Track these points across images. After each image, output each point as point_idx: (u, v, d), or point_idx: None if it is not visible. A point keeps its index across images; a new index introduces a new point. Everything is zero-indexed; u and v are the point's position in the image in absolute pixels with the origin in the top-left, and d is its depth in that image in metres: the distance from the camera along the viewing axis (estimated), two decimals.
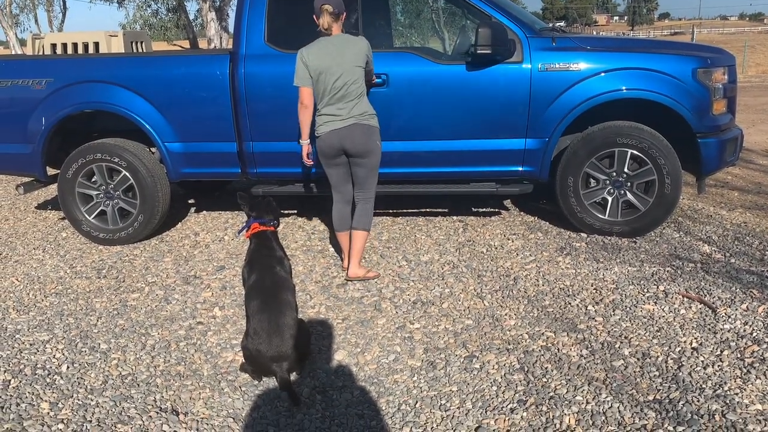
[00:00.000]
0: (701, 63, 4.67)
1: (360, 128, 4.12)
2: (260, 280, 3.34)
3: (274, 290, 3.27)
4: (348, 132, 4.11)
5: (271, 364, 3.06)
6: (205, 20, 18.67)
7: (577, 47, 4.81)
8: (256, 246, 3.60)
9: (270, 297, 3.23)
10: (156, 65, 5.22)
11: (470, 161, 4.91)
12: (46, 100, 5.10)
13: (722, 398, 2.78)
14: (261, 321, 3.13)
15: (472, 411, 2.86)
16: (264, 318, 3.13)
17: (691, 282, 4.03)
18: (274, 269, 3.40)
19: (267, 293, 3.25)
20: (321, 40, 4.14)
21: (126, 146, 5.15)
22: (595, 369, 3.11)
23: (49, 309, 4.10)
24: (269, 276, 3.36)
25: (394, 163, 4.87)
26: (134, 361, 3.42)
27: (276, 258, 3.50)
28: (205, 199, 6.64)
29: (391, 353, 3.42)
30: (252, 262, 3.51)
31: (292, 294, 3.34)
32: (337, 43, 4.08)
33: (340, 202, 4.40)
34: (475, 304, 3.95)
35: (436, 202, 5.99)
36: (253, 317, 3.19)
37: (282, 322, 3.12)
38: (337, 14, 4.06)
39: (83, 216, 5.25)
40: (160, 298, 4.21)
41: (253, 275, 3.39)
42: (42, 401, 3.04)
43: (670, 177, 4.67)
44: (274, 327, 3.09)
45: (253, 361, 3.14)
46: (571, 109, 4.69)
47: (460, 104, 4.78)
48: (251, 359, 3.15)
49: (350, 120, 4.11)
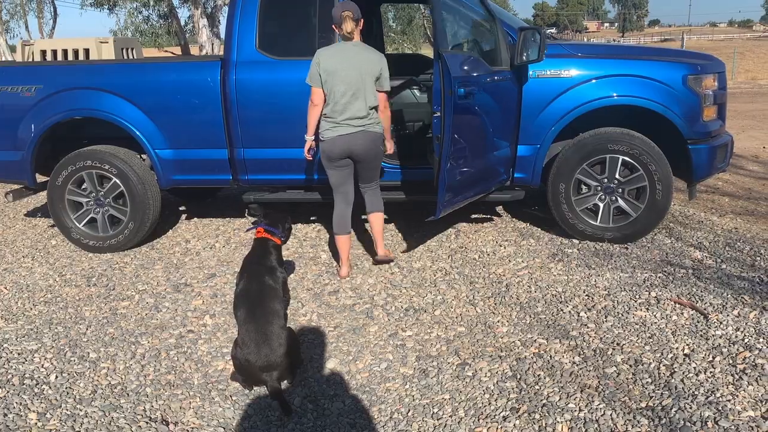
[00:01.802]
0: (691, 70, 4.70)
1: (365, 136, 4.23)
2: (247, 288, 3.34)
3: (261, 299, 3.25)
4: (353, 139, 4.21)
5: (261, 373, 3.04)
6: (197, 26, 18.67)
7: (568, 54, 4.82)
8: (252, 251, 3.61)
9: (256, 306, 3.21)
10: (147, 72, 5.19)
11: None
12: (36, 107, 5.07)
13: (714, 405, 2.78)
14: (248, 331, 3.11)
15: (464, 419, 2.84)
16: (251, 328, 3.11)
17: (682, 288, 4.04)
18: (263, 278, 3.38)
19: (253, 302, 3.23)
20: (340, 44, 4.26)
21: (116, 153, 5.12)
22: (588, 376, 3.11)
23: (37, 318, 4.06)
24: (256, 284, 3.34)
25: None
26: (124, 370, 3.38)
27: (267, 267, 3.48)
28: (196, 207, 6.61)
29: (383, 361, 3.40)
30: (244, 268, 3.51)
31: (281, 303, 3.31)
32: (354, 48, 4.20)
33: (342, 203, 4.43)
34: (468, 311, 3.93)
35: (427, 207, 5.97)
36: (241, 327, 3.17)
37: (269, 330, 3.09)
38: (356, 20, 4.18)
39: (73, 223, 5.21)
40: (151, 306, 4.18)
41: (242, 282, 3.40)
42: (30, 411, 3.00)
43: (661, 183, 4.68)
44: (262, 336, 3.07)
45: (243, 371, 3.12)
46: (563, 115, 4.71)
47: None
48: (241, 369, 3.13)
49: (357, 128, 4.20)
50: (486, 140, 4.62)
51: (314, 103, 4.23)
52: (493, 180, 4.81)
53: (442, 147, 4.12)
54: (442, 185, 4.19)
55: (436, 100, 4.18)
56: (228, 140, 5.00)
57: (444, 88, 4.05)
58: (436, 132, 4.23)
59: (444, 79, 4.05)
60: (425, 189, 4.77)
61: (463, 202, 4.56)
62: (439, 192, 4.21)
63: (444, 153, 4.11)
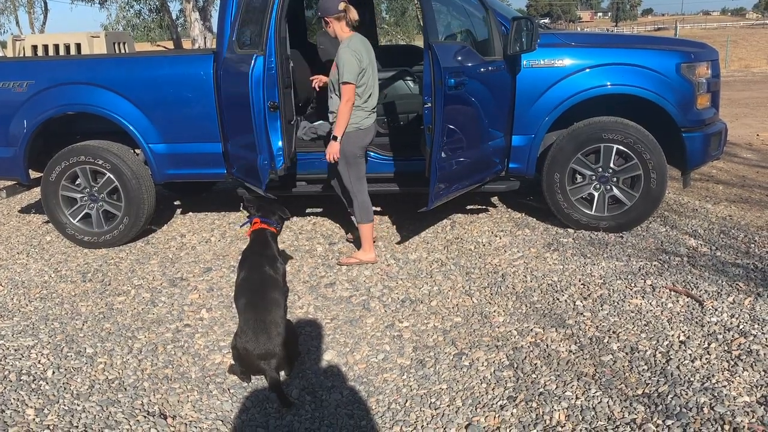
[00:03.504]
0: (685, 58, 4.70)
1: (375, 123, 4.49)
2: (248, 278, 3.37)
3: (261, 288, 3.28)
4: (375, 125, 4.46)
5: (259, 362, 3.05)
6: (189, 20, 18.56)
7: (561, 43, 4.82)
8: (252, 243, 3.66)
9: (256, 295, 3.24)
10: (139, 66, 5.17)
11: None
12: (28, 103, 5.04)
13: (710, 391, 2.80)
14: (247, 320, 3.13)
15: (462, 409, 2.86)
16: (250, 317, 3.13)
17: (678, 276, 4.05)
18: (263, 268, 3.40)
19: (254, 292, 3.26)
20: (357, 36, 4.29)
21: (110, 148, 5.10)
22: (584, 364, 3.12)
23: (33, 314, 4.05)
24: (258, 274, 3.37)
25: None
26: (121, 365, 3.38)
27: (268, 257, 3.52)
28: (191, 201, 6.59)
29: (380, 352, 3.41)
30: (244, 259, 3.55)
31: (281, 293, 3.34)
32: (366, 41, 4.31)
33: (366, 191, 4.52)
34: (464, 301, 3.94)
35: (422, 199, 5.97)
36: (240, 315, 3.20)
37: (268, 319, 3.11)
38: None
39: (67, 219, 5.19)
40: (147, 301, 4.17)
41: (243, 272, 3.43)
42: (27, 407, 3.00)
43: (656, 171, 4.69)
44: (261, 325, 3.09)
45: (241, 360, 3.13)
46: (557, 105, 4.71)
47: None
48: (239, 358, 3.14)
49: (374, 114, 4.43)
50: (479, 130, 4.61)
51: (353, 101, 4.16)
52: (487, 170, 4.81)
53: (433, 138, 4.12)
54: (434, 176, 4.19)
55: (426, 91, 4.17)
56: (222, 134, 4.98)
57: (434, 79, 4.05)
58: (427, 122, 4.23)
59: (434, 69, 4.05)
60: (420, 180, 4.77)
61: (457, 192, 4.56)
62: (431, 183, 4.22)
63: (435, 144, 4.12)
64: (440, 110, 4.07)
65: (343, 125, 4.17)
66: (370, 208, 4.50)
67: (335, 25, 4.23)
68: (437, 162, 4.16)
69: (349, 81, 4.09)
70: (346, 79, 4.09)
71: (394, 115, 5.70)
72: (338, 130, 4.17)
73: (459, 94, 4.24)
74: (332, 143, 4.20)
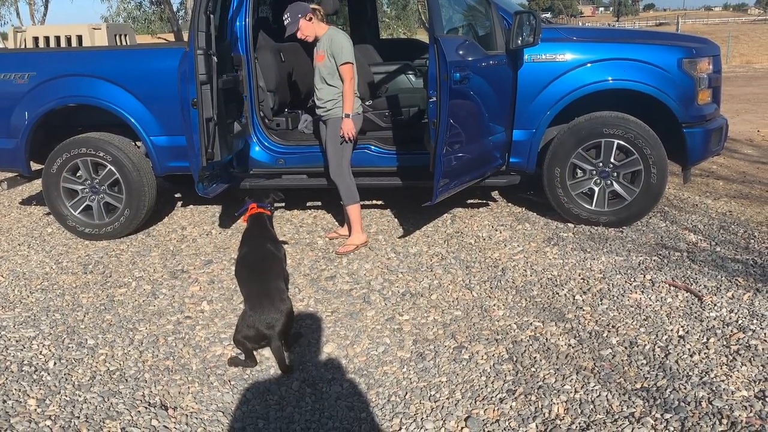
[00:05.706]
0: (686, 53, 4.69)
1: None
2: (249, 253, 3.54)
3: (262, 261, 3.44)
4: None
5: (263, 329, 3.11)
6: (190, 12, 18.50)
7: (563, 38, 4.81)
8: (251, 226, 3.82)
9: (258, 267, 3.40)
10: (140, 58, 5.16)
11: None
12: (29, 95, 5.03)
13: (709, 385, 2.81)
14: (250, 289, 3.29)
15: (461, 401, 2.87)
16: (253, 284, 3.30)
17: (677, 271, 4.06)
18: (265, 245, 3.57)
19: (256, 263, 3.42)
20: (334, 28, 4.56)
21: (111, 140, 5.10)
22: (583, 358, 3.13)
23: (35, 305, 4.06)
24: (259, 250, 3.54)
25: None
26: (122, 356, 3.40)
27: (269, 238, 3.71)
28: (191, 193, 6.59)
29: (380, 345, 3.42)
30: (245, 240, 3.70)
31: (282, 268, 3.52)
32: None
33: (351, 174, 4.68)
34: (464, 295, 3.96)
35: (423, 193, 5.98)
36: (242, 287, 3.36)
37: (271, 286, 3.25)
38: None
39: (68, 211, 5.20)
40: (148, 293, 4.19)
41: (243, 249, 3.59)
42: (29, 398, 3.01)
43: (656, 167, 4.70)
44: (264, 291, 3.22)
45: (246, 328, 3.16)
46: (558, 100, 4.70)
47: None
48: (244, 327, 3.17)
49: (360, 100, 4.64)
50: (482, 125, 4.61)
51: (355, 79, 4.47)
52: (488, 165, 4.82)
53: (438, 132, 4.11)
54: (439, 170, 4.19)
55: (431, 85, 4.17)
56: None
57: (440, 73, 4.04)
58: (431, 117, 4.22)
59: (440, 63, 4.04)
60: (422, 175, 4.77)
61: (460, 187, 4.56)
62: (435, 177, 4.22)
63: (440, 138, 4.11)
64: (445, 105, 4.06)
65: (350, 103, 4.41)
66: (355, 190, 4.66)
67: (315, 25, 4.43)
68: (442, 156, 4.17)
69: (349, 61, 4.36)
70: (347, 60, 4.35)
71: (396, 109, 5.70)
72: (347, 107, 4.43)
73: (464, 89, 4.24)
74: (345, 121, 4.45)
